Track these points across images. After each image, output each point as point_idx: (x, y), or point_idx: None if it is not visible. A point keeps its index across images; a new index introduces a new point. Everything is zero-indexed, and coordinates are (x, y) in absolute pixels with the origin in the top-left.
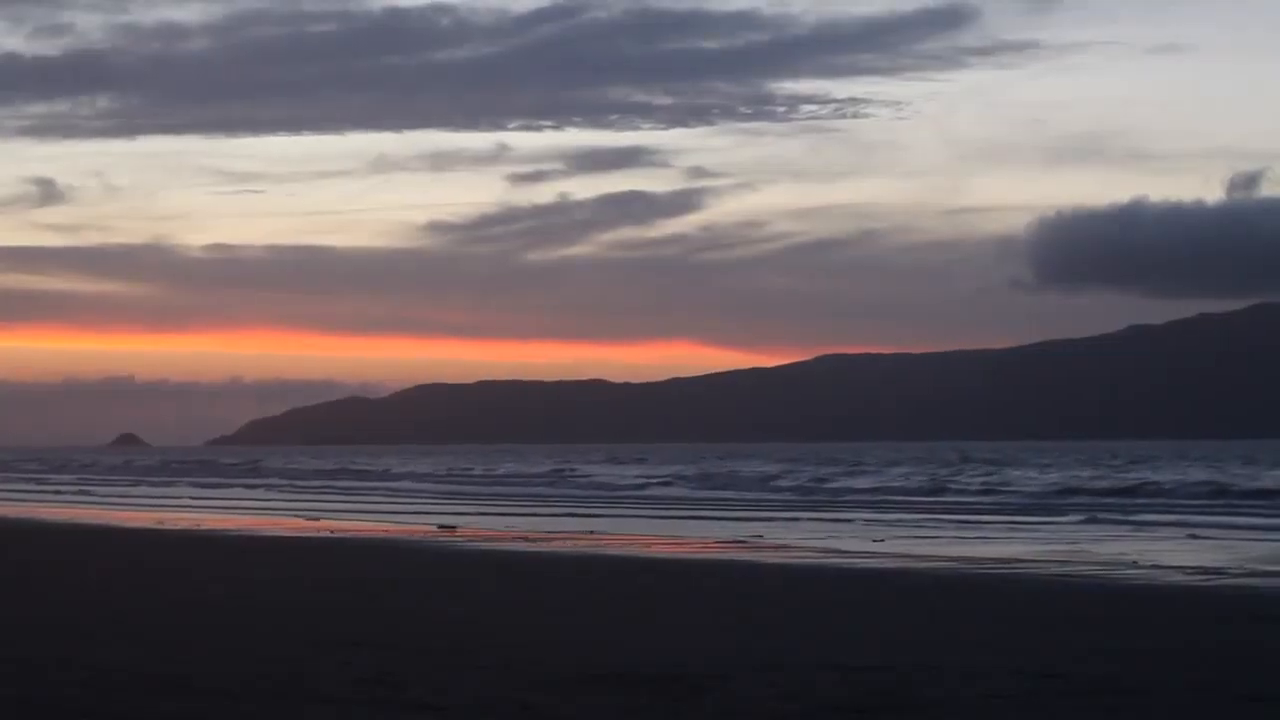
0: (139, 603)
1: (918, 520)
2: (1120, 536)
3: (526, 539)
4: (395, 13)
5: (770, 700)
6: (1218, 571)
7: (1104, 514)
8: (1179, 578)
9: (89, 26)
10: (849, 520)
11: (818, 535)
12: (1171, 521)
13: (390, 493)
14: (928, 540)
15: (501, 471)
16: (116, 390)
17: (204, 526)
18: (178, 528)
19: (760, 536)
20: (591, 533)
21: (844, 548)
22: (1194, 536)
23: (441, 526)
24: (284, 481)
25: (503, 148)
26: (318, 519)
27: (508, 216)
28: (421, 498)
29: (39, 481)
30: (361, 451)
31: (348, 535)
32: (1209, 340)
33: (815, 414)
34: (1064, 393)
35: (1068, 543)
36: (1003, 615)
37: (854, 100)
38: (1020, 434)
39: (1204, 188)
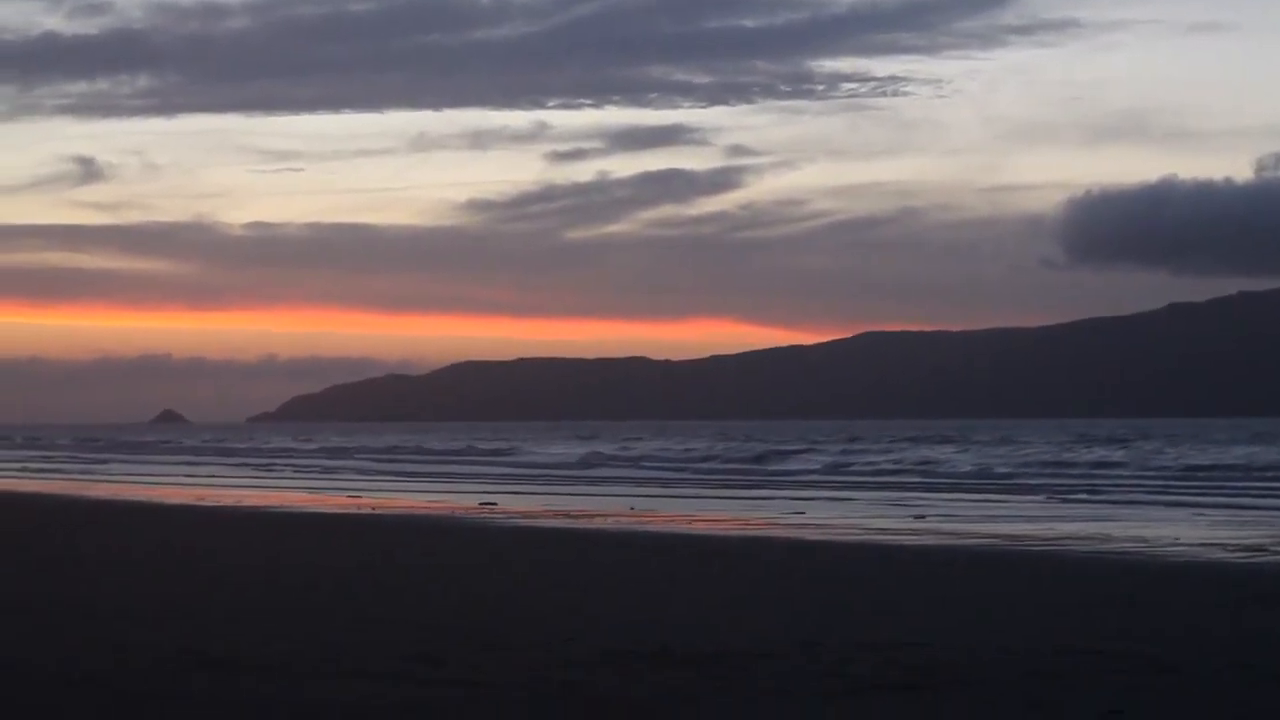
0: (179, 580)
1: (959, 498)
2: (1162, 514)
3: (567, 515)
4: None
5: (810, 678)
6: (1259, 549)
7: (1146, 491)
8: (1220, 555)
9: (128, 5)
10: (890, 497)
11: (859, 513)
12: (1216, 500)
13: (439, 469)
14: (969, 518)
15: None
16: (155, 368)
17: (245, 504)
18: (219, 504)
19: (802, 513)
20: (632, 509)
21: (885, 525)
22: (1238, 514)
23: (483, 503)
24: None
25: (542, 126)
26: (359, 496)
27: (547, 194)
28: (467, 476)
29: (92, 459)
30: (412, 429)
31: (390, 512)
32: (1252, 318)
33: (855, 392)
34: (1106, 371)
35: (1108, 520)
36: (1042, 593)
37: (894, 78)
38: (1061, 412)
39: (1234, 166)
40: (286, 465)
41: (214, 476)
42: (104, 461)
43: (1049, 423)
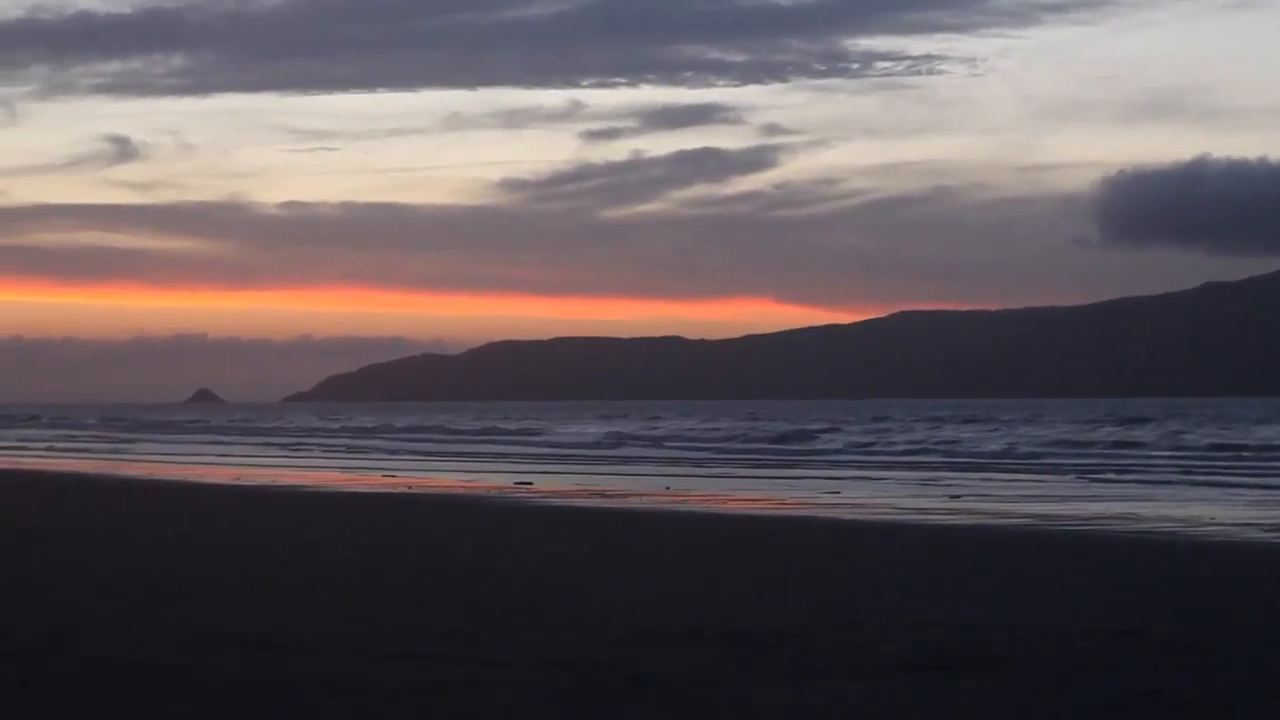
0: (214, 559)
1: (990, 478)
2: (1200, 494)
3: (603, 495)
4: None
5: (845, 658)
6: None
7: (1175, 471)
8: (1257, 535)
9: None
10: (922, 477)
11: (894, 493)
12: (1247, 480)
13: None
14: (1003, 498)
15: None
16: (189, 348)
17: (280, 482)
18: (252, 484)
19: (838, 493)
20: (667, 489)
21: (921, 505)
22: (1271, 494)
23: (518, 483)
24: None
25: (576, 105)
26: (396, 475)
27: (581, 174)
28: (504, 457)
29: (119, 439)
30: (446, 408)
31: (426, 491)
32: None
33: (890, 371)
34: (1140, 350)
35: (1146, 500)
36: (1079, 573)
37: (928, 57)
38: (1096, 391)
39: (1269, 145)
40: (315, 445)
41: (246, 456)
42: (132, 441)
43: (1082, 402)
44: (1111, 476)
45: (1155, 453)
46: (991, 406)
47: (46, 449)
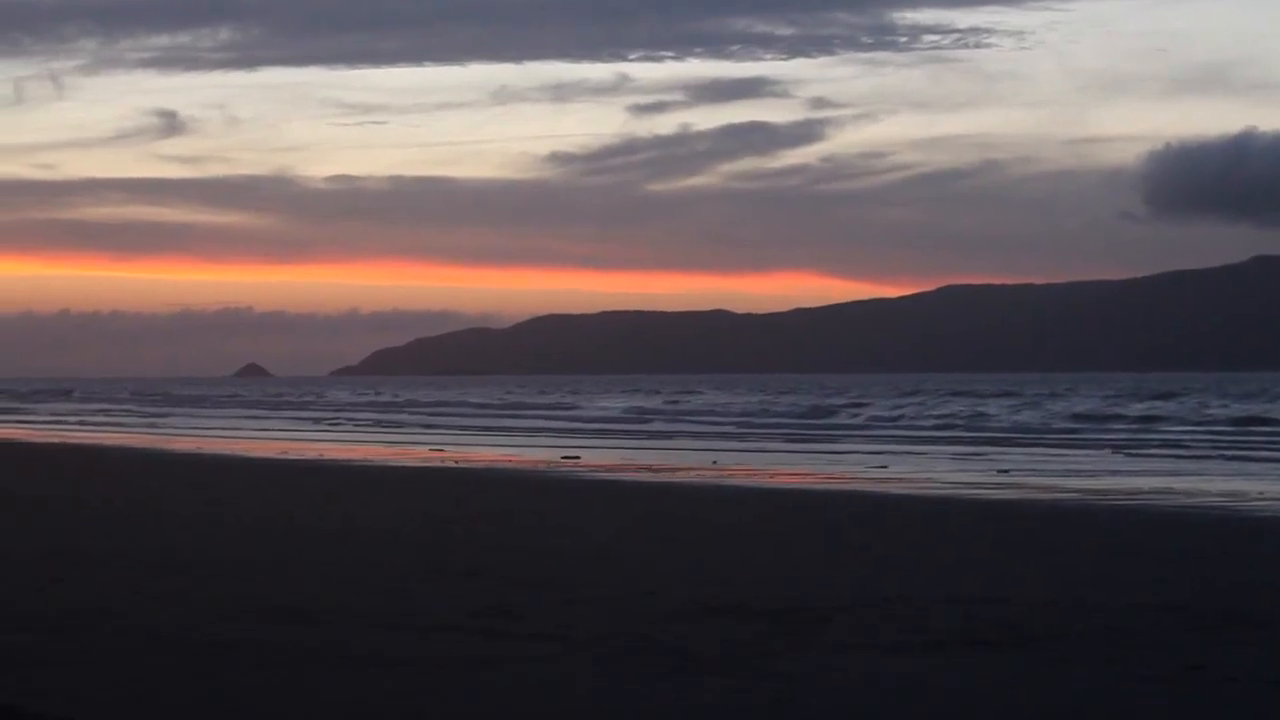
0: (258, 533)
1: (1043, 452)
2: (1245, 470)
3: (649, 469)
4: None
5: (890, 633)
6: None
7: (1230, 446)
8: None
9: None
10: (975, 451)
11: (942, 467)
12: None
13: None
14: (1051, 472)
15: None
16: (236, 321)
17: (326, 457)
18: (300, 458)
19: (885, 467)
20: (714, 463)
21: (969, 479)
22: None
23: (565, 457)
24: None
25: (624, 78)
26: (442, 450)
27: (629, 147)
28: (546, 431)
29: (156, 413)
30: (490, 382)
31: (471, 465)
32: None
33: (938, 345)
34: (1189, 323)
35: (1191, 475)
36: (1124, 548)
37: (976, 30)
38: (1145, 365)
39: None
40: (345, 420)
41: (287, 431)
42: (169, 415)
43: (1129, 376)
44: (1153, 451)
45: (1184, 427)
46: (1031, 380)
47: (80, 423)
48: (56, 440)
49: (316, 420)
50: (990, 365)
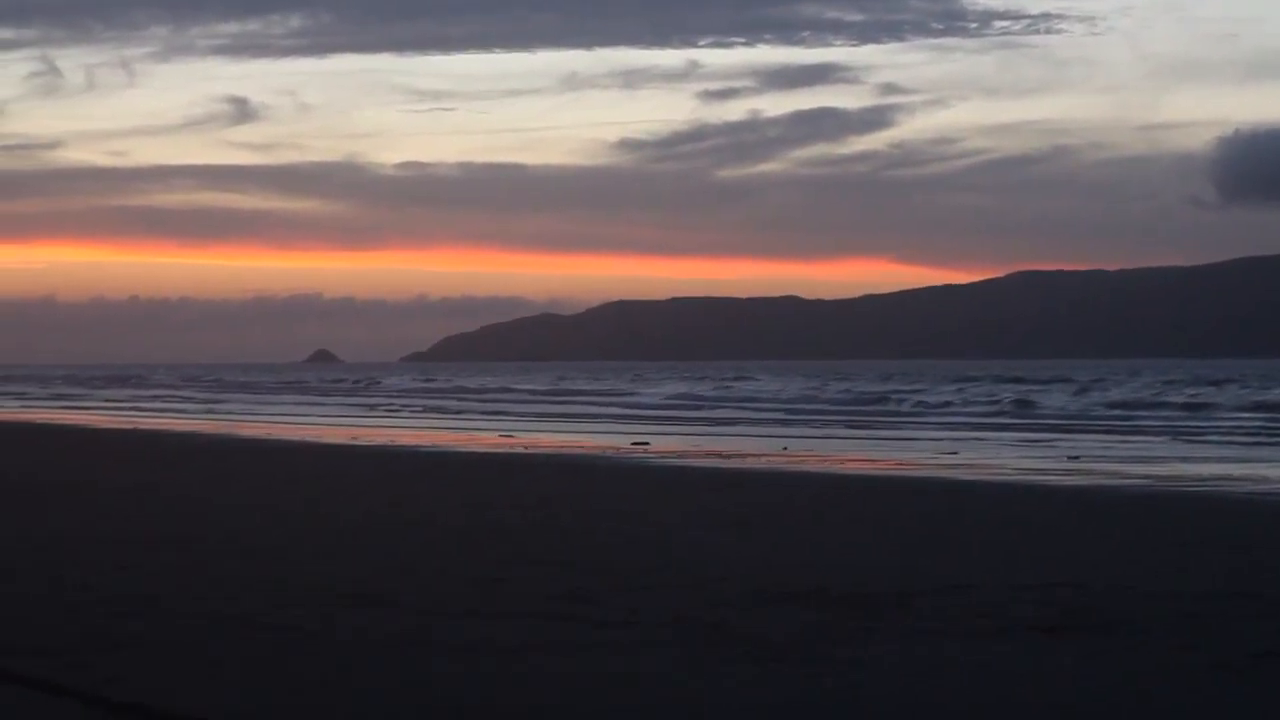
0: (328, 519)
1: (1107, 439)
2: None
3: (720, 456)
4: None
5: (961, 619)
6: None
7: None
8: None
9: None
10: (1041, 437)
11: (1012, 453)
12: None
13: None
14: (1122, 458)
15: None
16: (306, 308)
17: (396, 443)
18: (370, 444)
19: (955, 453)
20: (785, 449)
21: (1040, 466)
22: None
23: (635, 443)
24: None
25: (694, 65)
26: (513, 435)
27: (698, 134)
28: (618, 418)
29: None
30: (557, 368)
31: (542, 451)
32: None
33: (1008, 331)
34: (1259, 309)
35: (1253, 462)
36: (1197, 534)
37: (1046, 16)
38: (1219, 352)
39: None
40: (400, 405)
41: (356, 417)
42: (224, 401)
43: (1199, 362)
44: (1212, 438)
45: (1243, 414)
46: (1096, 367)
47: (160, 410)
48: (123, 426)
49: (372, 406)
50: (1060, 351)
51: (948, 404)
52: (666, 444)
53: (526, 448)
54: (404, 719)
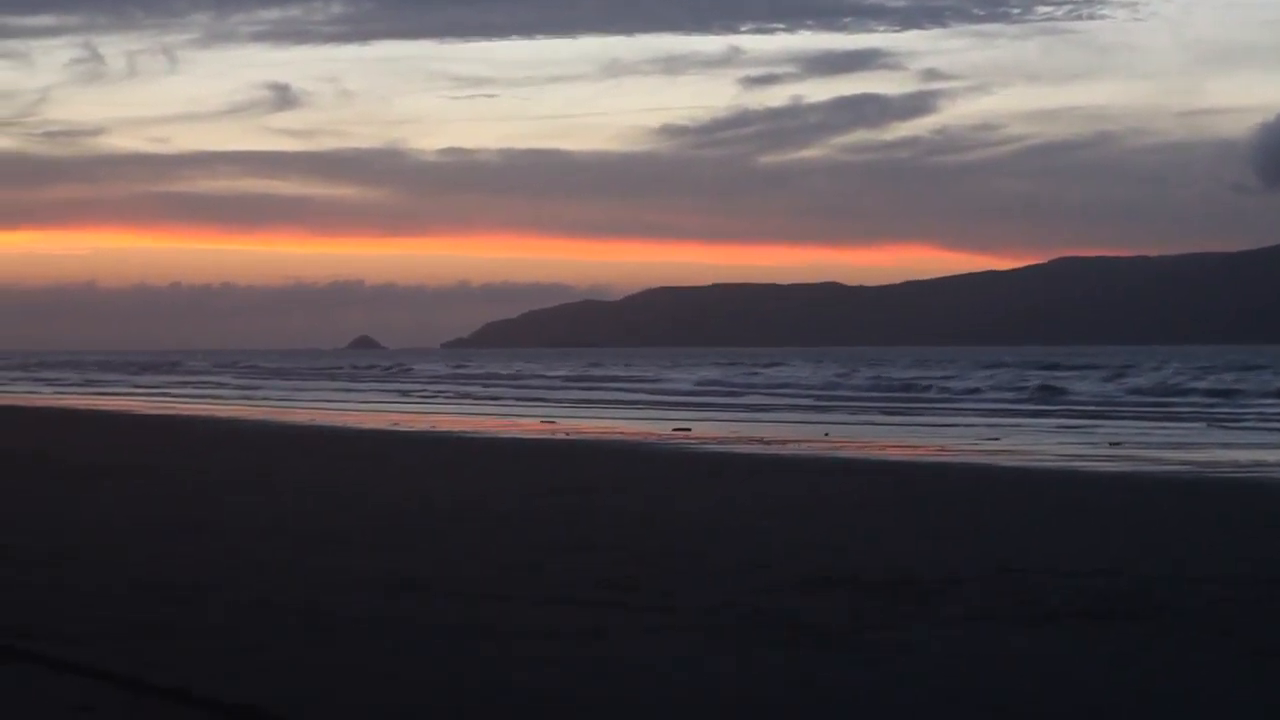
0: (373, 505)
1: (1155, 424)
2: None
3: (761, 442)
4: None
5: (1002, 605)
6: None
7: None
8: None
9: None
10: (1085, 423)
11: (1053, 439)
12: None
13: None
14: (1165, 444)
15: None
16: (347, 294)
17: (439, 429)
18: (412, 429)
19: (996, 439)
20: (826, 435)
21: (1080, 452)
22: None
23: (676, 429)
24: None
25: (735, 51)
26: (554, 421)
27: (740, 120)
28: (658, 403)
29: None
30: (612, 355)
31: (583, 437)
32: None
33: (1051, 317)
34: None
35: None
36: (1240, 520)
37: (1089, 1)
38: (1261, 338)
39: None
40: (432, 392)
41: (392, 403)
42: (260, 387)
43: (1241, 348)
44: (1249, 424)
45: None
46: (1138, 352)
47: (196, 396)
48: (165, 412)
49: (405, 392)
50: (1102, 337)
51: (975, 390)
52: (708, 430)
53: (568, 434)
54: (445, 705)
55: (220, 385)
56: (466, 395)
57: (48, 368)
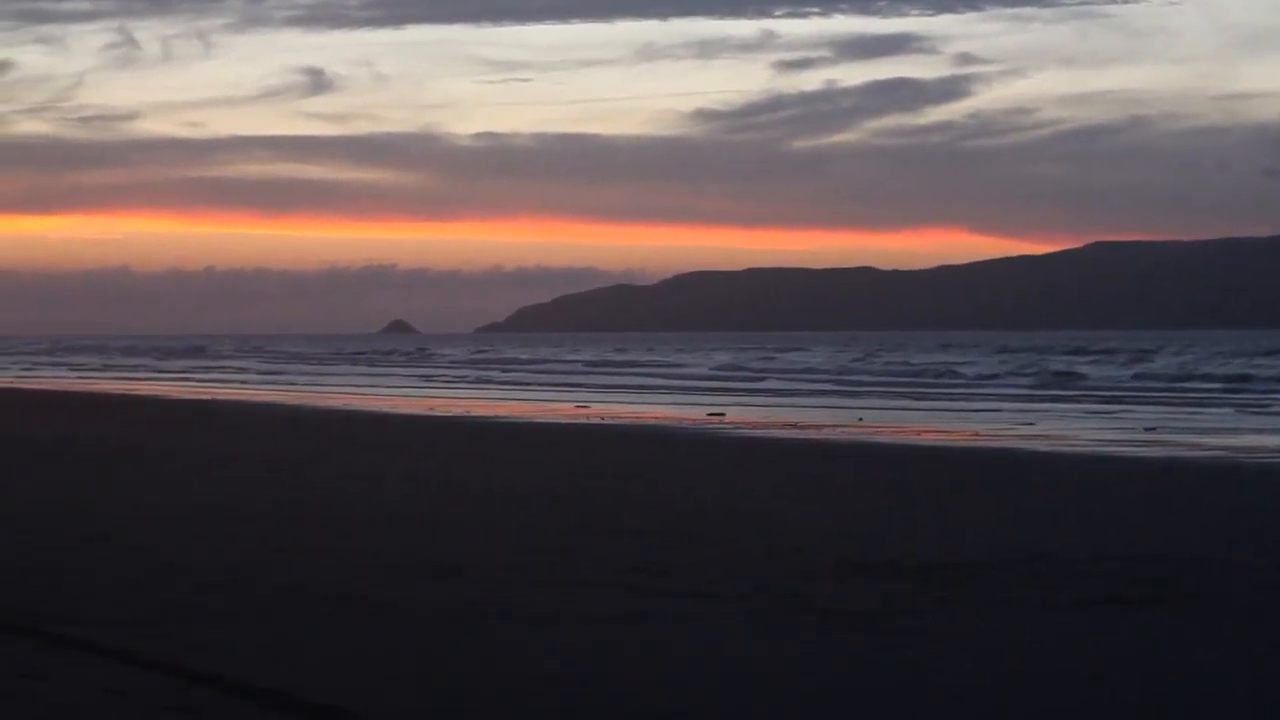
0: (407, 490)
1: (1194, 410)
2: None
3: (795, 426)
4: None
5: (1037, 591)
6: None
7: None
8: None
9: None
10: (1121, 409)
11: (1087, 425)
12: None
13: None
14: (1204, 431)
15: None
16: (380, 278)
17: (472, 414)
18: (446, 414)
19: (1032, 424)
20: (860, 420)
21: (1115, 438)
22: None
23: (711, 414)
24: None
25: (769, 35)
26: (588, 406)
27: (774, 104)
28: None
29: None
30: (637, 340)
31: (617, 422)
32: None
33: (1085, 302)
34: None
35: None
36: (1272, 506)
37: None
38: None
39: None
40: (457, 377)
41: (419, 387)
42: (290, 373)
43: (1274, 333)
44: (1277, 409)
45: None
46: (1168, 338)
47: (231, 382)
48: (192, 397)
49: (428, 377)
50: (1136, 322)
51: (993, 376)
52: (742, 415)
53: (601, 418)
54: (481, 688)
55: (244, 370)
56: (488, 380)
57: (74, 352)
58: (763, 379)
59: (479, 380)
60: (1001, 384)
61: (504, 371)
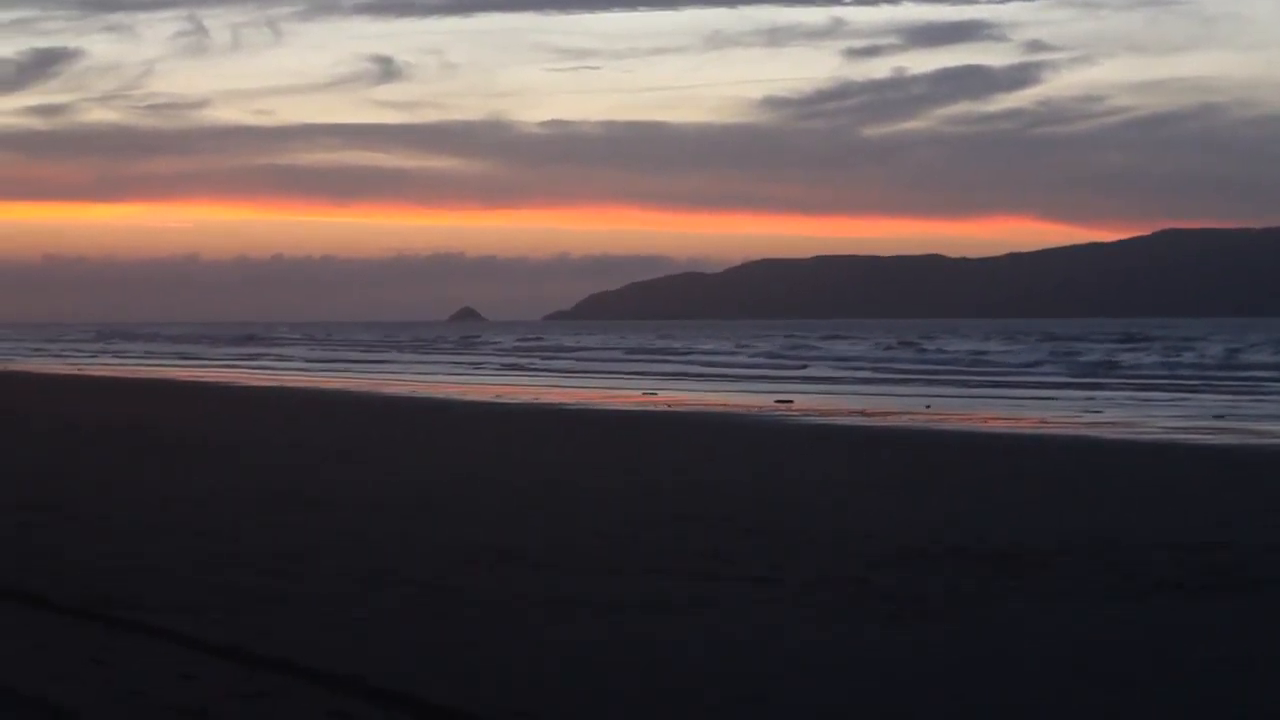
0: (474, 477)
1: (1263, 398)
2: None
3: (863, 414)
4: None
5: (1105, 578)
6: None
7: None
8: None
9: None
10: (1190, 396)
11: (1155, 412)
12: None
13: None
14: (1273, 418)
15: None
16: (448, 266)
17: (541, 400)
18: (514, 401)
19: (1099, 412)
20: (928, 407)
21: (1183, 424)
22: None
23: (779, 401)
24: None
25: (838, 22)
26: (655, 393)
27: (843, 92)
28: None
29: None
30: (705, 327)
31: (684, 409)
32: None
33: (1155, 290)
34: None
35: None
36: None
37: None
38: None
39: None
40: (495, 363)
41: (485, 375)
42: (361, 361)
43: None
44: None
45: None
46: (1233, 325)
47: (301, 369)
48: (270, 384)
49: (478, 364)
50: (1206, 309)
51: (1040, 363)
52: (809, 402)
53: (669, 405)
54: (546, 676)
55: (288, 359)
56: (519, 368)
57: (131, 340)
58: (803, 366)
59: (510, 367)
60: (1052, 372)
61: (544, 360)
